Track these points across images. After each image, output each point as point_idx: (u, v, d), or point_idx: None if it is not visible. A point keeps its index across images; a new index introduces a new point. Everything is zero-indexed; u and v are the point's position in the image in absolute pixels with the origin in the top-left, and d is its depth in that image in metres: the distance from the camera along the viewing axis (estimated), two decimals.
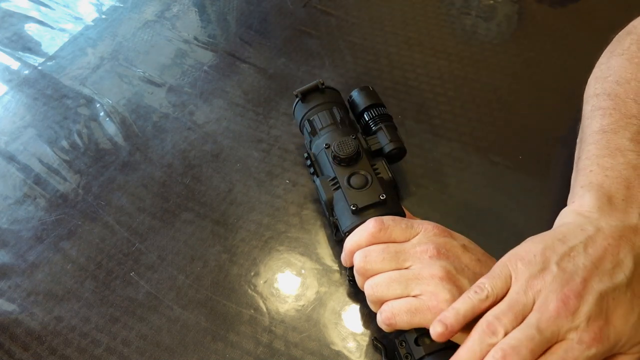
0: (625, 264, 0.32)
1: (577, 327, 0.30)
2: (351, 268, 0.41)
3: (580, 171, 0.39)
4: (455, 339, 0.34)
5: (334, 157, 0.44)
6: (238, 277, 0.48)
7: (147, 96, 0.65)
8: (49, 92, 0.67)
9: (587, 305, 0.30)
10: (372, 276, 0.38)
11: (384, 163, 0.44)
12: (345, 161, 0.43)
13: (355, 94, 0.50)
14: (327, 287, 0.46)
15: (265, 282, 0.47)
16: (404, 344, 0.36)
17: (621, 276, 0.32)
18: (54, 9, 0.79)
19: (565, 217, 0.37)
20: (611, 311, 0.31)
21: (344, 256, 0.41)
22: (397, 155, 0.47)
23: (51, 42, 0.74)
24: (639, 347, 0.32)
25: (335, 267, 0.47)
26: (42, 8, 0.79)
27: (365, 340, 0.43)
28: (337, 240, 0.47)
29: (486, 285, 0.33)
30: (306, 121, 0.49)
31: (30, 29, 0.76)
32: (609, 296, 0.31)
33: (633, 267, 0.32)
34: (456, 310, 0.33)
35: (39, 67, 0.70)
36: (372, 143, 0.46)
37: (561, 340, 0.30)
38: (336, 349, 0.43)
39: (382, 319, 0.37)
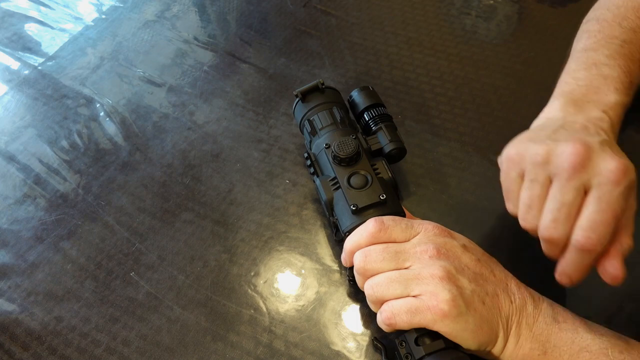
0: (602, 136, 0.34)
1: (598, 172, 0.31)
2: (351, 268, 0.41)
3: (557, 86, 0.41)
4: None
5: (334, 157, 0.44)
6: (238, 277, 0.48)
7: (147, 96, 0.65)
8: (49, 92, 0.67)
9: (595, 152, 0.32)
10: (372, 276, 0.38)
11: (384, 163, 0.44)
12: (345, 161, 0.43)
13: (355, 94, 0.50)
14: (327, 287, 0.46)
15: (265, 282, 0.47)
16: (404, 344, 0.36)
17: (602, 136, 0.34)
18: (54, 9, 0.79)
19: (534, 124, 0.39)
20: (614, 151, 0.33)
21: (344, 256, 0.41)
22: (397, 155, 0.47)
23: (51, 42, 0.74)
24: None
25: (335, 267, 0.47)
26: (42, 8, 0.79)
27: (365, 340, 0.43)
28: (337, 240, 0.47)
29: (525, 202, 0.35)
30: (306, 121, 0.49)
31: (30, 29, 0.77)
32: (605, 144, 0.33)
33: (609, 147, 0.33)
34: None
35: (39, 67, 0.70)
36: (372, 143, 0.46)
37: (588, 191, 0.32)
38: (336, 349, 0.43)
39: (382, 319, 0.37)
